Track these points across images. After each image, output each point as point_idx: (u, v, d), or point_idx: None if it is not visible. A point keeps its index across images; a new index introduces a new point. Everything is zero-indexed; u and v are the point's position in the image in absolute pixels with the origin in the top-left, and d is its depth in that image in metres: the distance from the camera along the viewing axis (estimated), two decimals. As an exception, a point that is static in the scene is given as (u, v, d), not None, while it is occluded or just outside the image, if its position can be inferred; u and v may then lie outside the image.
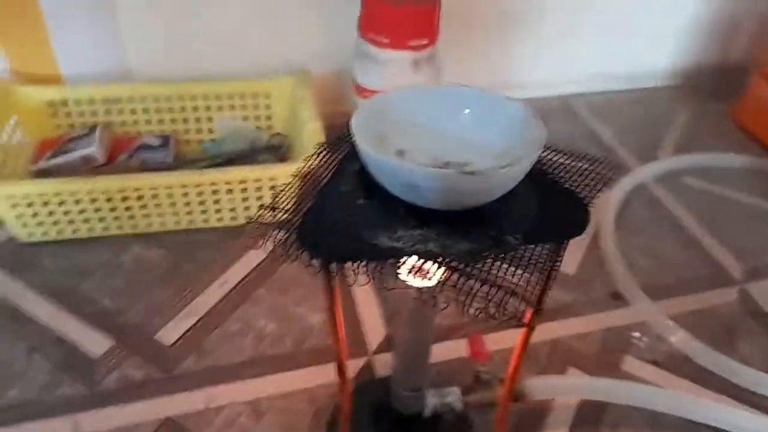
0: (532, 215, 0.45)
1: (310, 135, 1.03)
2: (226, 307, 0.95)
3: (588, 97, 1.51)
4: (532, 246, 0.43)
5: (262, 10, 1.20)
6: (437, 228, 0.42)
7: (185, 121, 1.21)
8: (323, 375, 0.86)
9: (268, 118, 1.24)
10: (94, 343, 0.89)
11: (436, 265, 0.40)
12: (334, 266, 0.42)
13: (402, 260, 0.41)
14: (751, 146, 1.38)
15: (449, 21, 1.16)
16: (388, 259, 0.41)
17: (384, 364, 0.87)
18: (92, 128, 1.14)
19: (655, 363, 0.90)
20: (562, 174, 0.49)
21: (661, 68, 1.56)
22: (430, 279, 0.46)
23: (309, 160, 0.50)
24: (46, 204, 0.97)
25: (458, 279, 0.40)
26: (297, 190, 0.47)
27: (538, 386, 0.77)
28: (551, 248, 0.44)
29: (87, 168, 1.09)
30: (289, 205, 0.45)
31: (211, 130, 1.23)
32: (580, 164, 0.50)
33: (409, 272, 0.40)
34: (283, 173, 1.00)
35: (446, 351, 0.88)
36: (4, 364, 0.85)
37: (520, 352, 0.57)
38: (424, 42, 1.05)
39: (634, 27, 1.46)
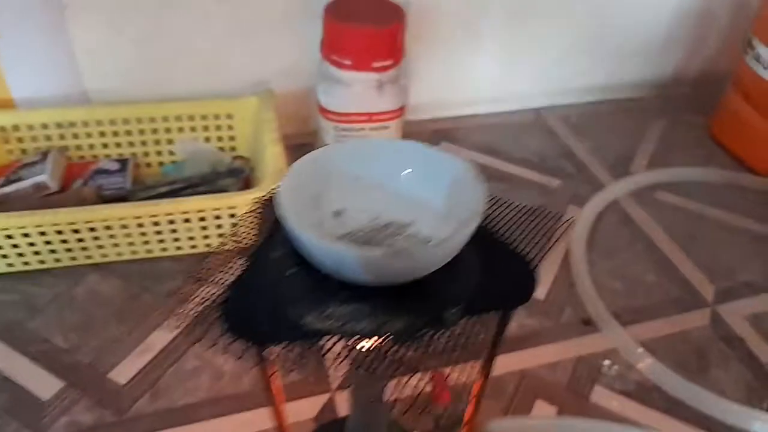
0: (474, 282, 0.42)
1: (272, 159, 1.00)
2: (183, 342, 0.91)
3: (562, 110, 1.49)
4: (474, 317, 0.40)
5: (225, 28, 1.15)
6: (372, 302, 0.39)
7: (144, 143, 1.17)
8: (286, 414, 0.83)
9: (231, 138, 1.20)
10: (43, 384, 0.85)
11: (368, 344, 0.37)
12: (254, 351, 0.39)
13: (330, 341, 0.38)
14: (727, 160, 1.36)
15: (416, 35, 1.13)
16: (313, 341, 0.38)
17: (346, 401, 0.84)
18: (45, 154, 1.09)
19: (625, 393, 0.88)
20: (507, 231, 0.46)
21: (636, 79, 1.54)
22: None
23: (242, 219, 0.47)
24: (-8, 238, 0.92)
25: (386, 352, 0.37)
26: (227, 254, 0.44)
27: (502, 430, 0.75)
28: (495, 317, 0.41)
29: (39, 196, 1.05)
30: (215, 275, 0.42)
31: (171, 153, 1.19)
32: (526, 218, 0.47)
33: (337, 357, 0.37)
34: (242, 201, 0.96)
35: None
36: (-54, 409, 0.81)
37: (474, 406, 0.54)
38: (389, 63, 1.02)
39: (610, 38, 1.43)
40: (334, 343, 0.37)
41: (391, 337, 0.38)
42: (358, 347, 0.38)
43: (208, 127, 1.18)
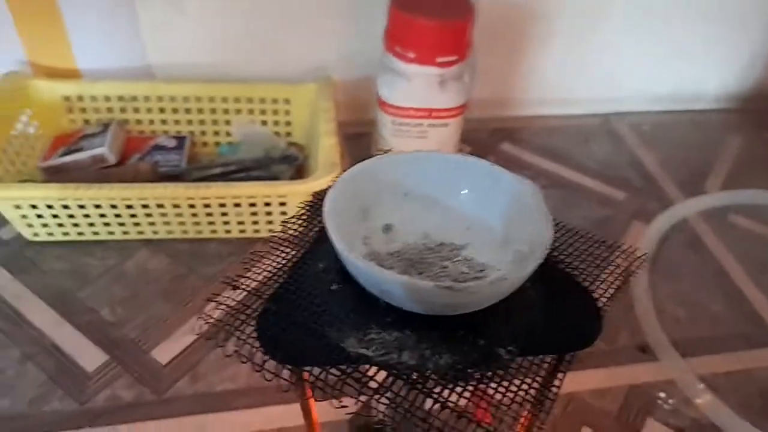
0: (532, 319, 0.38)
1: (326, 151, 0.97)
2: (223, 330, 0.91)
3: (633, 117, 1.40)
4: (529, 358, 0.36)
5: (290, 13, 1.13)
6: (418, 331, 0.36)
7: (202, 122, 1.17)
8: (319, 411, 0.81)
9: (287, 124, 1.19)
10: (89, 355, 0.87)
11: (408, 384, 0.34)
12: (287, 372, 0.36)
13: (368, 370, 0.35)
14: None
15: (483, 28, 1.07)
16: (353, 367, 0.35)
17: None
18: (106, 126, 1.11)
19: (679, 430, 0.82)
20: (573, 261, 0.42)
21: (713, 90, 1.43)
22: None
23: (291, 222, 0.45)
24: (50, 207, 0.94)
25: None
26: (271, 261, 0.42)
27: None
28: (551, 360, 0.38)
29: (97, 167, 1.06)
30: (254, 284, 0.40)
31: (228, 133, 1.19)
32: (597, 250, 0.43)
33: (375, 393, 0.33)
34: (292, 191, 0.95)
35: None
36: (-3, 371, 0.84)
37: None
38: (453, 59, 0.97)
39: (689, 46, 1.34)
40: (375, 373, 0.34)
41: (435, 374, 0.34)
42: (398, 381, 0.35)
43: (265, 111, 1.17)
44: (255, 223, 1.01)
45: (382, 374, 0.36)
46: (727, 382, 0.88)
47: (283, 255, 0.42)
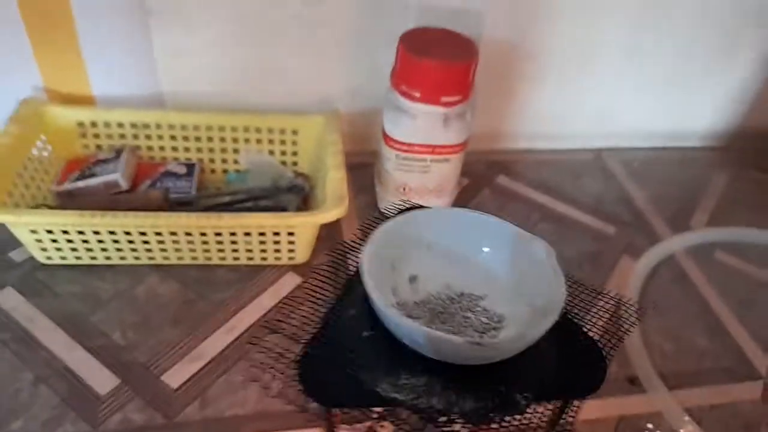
0: (543, 367, 0.42)
1: (334, 184, 1.02)
2: (234, 353, 0.94)
3: (624, 154, 1.47)
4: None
5: (300, 45, 1.18)
6: (444, 378, 0.40)
7: (211, 150, 1.21)
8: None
9: (294, 154, 1.23)
10: (101, 379, 0.89)
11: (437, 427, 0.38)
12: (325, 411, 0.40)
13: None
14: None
15: (482, 68, 1.13)
16: (387, 410, 0.39)
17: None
18: (119, 151, 1.14)
19: (666, 461, 0.86)
20: (579, 313, 0.47)
21: (702, 128, 1.51)
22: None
23: (316, 274, 0.49)
24: (65, 232, 0.97)
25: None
26: (303, 309, 0.46)
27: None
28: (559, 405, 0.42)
29: (109, 193, 1.09)
30: (293, 330, 0.44)
31: (236, 161, 1.23)
32: (601, 301, 0.48)
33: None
34: (301, 223, 0.99)
35: None
36: (11, 394, 0.86)
37: None
38: (457, 98, 1.02)
39: (680, 83, 1.41)
40: (408, 415, 0.38)
41: (461, 417, 0.39)
42: (429, 422, 0.39)
43: (273, 141, 1.21)
44: (263, 251, 1.05)
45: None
46: (711, 415, 0.93)
47: (316, 301, 0.46)
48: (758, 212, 1.34)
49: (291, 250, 1.05)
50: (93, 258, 1.03)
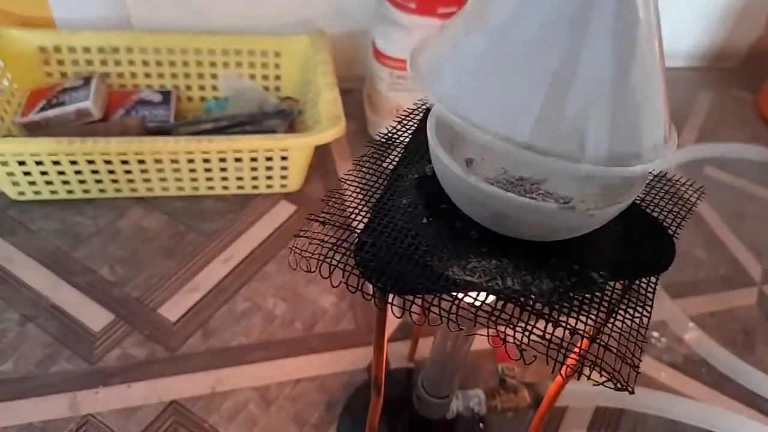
0: (613, 248, 0.40)
1: (327, 104, 0.96)
2: (233, 283, 0.90)
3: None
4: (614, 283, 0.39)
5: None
6: (515, 259, 0.37)
7: (187, 76, 1.13)
8: (335, 363, 0.82)
9: (277, 78, 1.16)
10: (93, 315, 0.84)
11: (518, 307, 0.35)
12: (390, 298, 0.37)
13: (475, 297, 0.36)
14: (775, 139, 1.34)
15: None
16: (462, 294, 0.36)
17: (397, 354, 0.84)
18: (87, 79, 1.05)
19: (673, 365, 0.88)
20: (643, 196, 0.44)
21: (685, 49, 1.50)
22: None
23: (357, 165, 0.45)
24: (39, 163, 0.89)
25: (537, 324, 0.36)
26: (348, 200, 0.42)
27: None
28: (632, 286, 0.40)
29: (81, 122, 1.01)
30: (341, 219, 0.40)
31: (214, 88, 1.15)
32: (659, 183, 0.45)
33: (489, 318, 0.35)
34: (297, 145, 0.93)
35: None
36: (-3, 335, 0.80)
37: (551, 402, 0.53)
38: (455, 9, 0.97)
39: (662, 3, 1.38)
40: (484, 299, 0.36)
41: (539, 298, 0.36)
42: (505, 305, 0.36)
43: (254, 64, 1.14)
44: (254, 179, 0.99)
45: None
46: (712, 321, 0.95)
47: (361, 192, 0.43)
48: (741, 129, 1.36)
49: (284, 177, 1.00)
50: (70, 192, 0.95)
